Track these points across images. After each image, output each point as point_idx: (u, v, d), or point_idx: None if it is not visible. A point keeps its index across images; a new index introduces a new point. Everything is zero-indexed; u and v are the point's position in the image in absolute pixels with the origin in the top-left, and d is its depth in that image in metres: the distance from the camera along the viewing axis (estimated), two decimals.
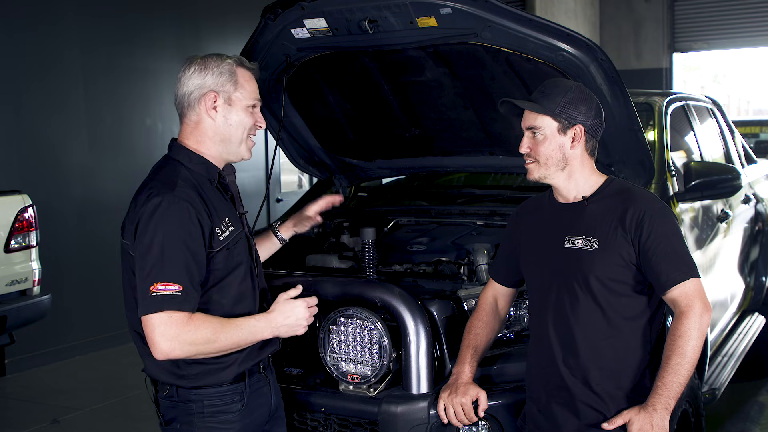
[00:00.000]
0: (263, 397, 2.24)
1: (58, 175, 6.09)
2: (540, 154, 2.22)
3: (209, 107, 2.14)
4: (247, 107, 2.19)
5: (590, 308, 2.18)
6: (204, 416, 2.11)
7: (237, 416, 2.15)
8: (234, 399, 2.14)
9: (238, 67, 2.18)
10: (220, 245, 2.08)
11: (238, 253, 2.15)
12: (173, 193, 2.02)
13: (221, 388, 2.13)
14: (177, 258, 1.98)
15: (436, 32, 2.75)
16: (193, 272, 2.00)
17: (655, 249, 2.12)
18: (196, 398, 2.11)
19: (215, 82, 2.14)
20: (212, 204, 2.10)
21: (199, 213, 2.03)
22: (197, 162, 2.15)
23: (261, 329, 2.11)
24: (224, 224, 2.11)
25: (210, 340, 2.00)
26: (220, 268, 2.09)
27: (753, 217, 4.60)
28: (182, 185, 2.05)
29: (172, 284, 1.96)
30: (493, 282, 2.52)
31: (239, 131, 2.18)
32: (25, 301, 4.76)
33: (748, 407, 4.64)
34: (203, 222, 2.03)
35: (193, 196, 2.05)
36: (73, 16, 6.19)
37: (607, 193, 2.24)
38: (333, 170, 3.72)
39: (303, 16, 2.82)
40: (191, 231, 2.00)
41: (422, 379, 2.49)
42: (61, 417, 4.75)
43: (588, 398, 2.19)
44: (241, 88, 2.17)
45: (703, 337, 2.11)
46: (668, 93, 4.20)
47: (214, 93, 2.14)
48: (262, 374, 2.23)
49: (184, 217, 2.00)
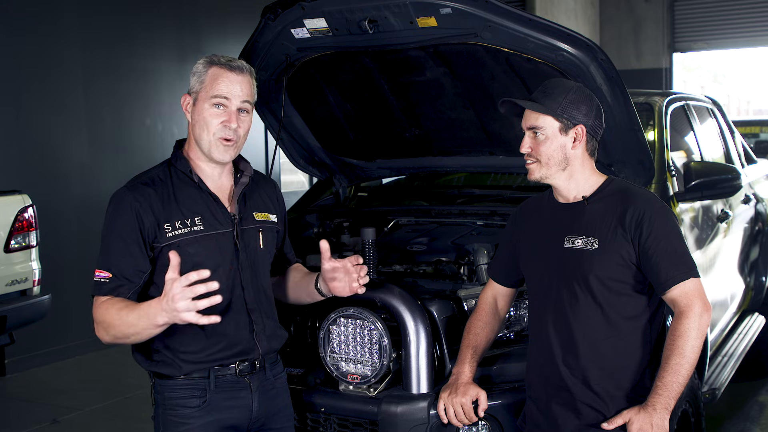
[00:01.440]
0: (238, 401, 2.19)
1: (58, 175, 6.08)
2: (541, 154, 2.21)
3: (185, 108, 2.20)
4: (212, 105, 2.14)
5: (590, 308, 2.18)
6: (165, 408, 2.15)
7: (196, 412, 2.13)
8: (193, 394, 2.14)
9: (211, 66, 2.16)
10: (167, 241, 2.09)
11: (196, 253, 2.10)
12: (126, 188, 2.14)
13: (178, 381, 2.14)
14: (109, 248, 2.10)
15: (436, 32, 2.74)
16: (126, 262, 2.07)
17: (655, 248, 2.12)
18: (160, 389, 2.17)
19: (191, 82, 2.20)
20: (177, 201, 2.13)
21: (141, 206, 2.09)
22: (179, 159, 2.21)
23: (153, 312, 1.96)
24: (182, 222, 2.11)
25: (106, 322, 2.04)
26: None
27: (753, 217, 4.60)
28: (141, 181, 2.14)
29: (102, 271, 2.09)
30: (493, 282, 2.52)
31: (203, 130, 2.16)
32: (25, 301, 4.76)
33: (748, 407, 4.64)
34: (145, 215, 2.09)
35: (145, 190, 2.11)
36: (73, 16, 6.19)
37: (607, 193, 2.24)
38: (333, 170, 3.71)
39: (303, 16, 2.82)
40: (127, 223, 2.09)
41: (422, 379, 2.49)
42: (61, 417, 4.75)
43: (588, 398, 2.19)
44: (207, 86, 2.15)
45: (702, 337, 2.11)
46: (668, 93, 4.20)
47: (187, 94, 2.20)
48: (239, 377, 2.18)
49: (124, 210, 2.10)
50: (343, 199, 3.77)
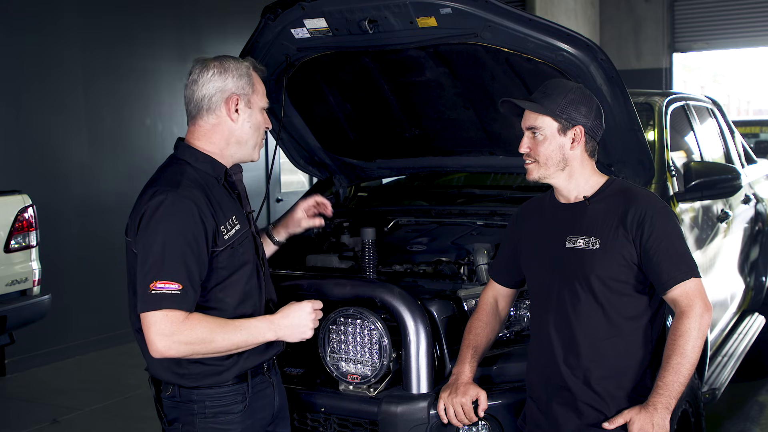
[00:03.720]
0: (266, 399, 2.24)
1: (58, 175, 6.08)
2: (540, 154, 2.22)
3: (231, 110, 2.15)
4: (262, 109, 2.22)
5: (591, 308, 2.18)
6: (206, 417, 2.12)
7: (239, 417, 2.15)
8: (236, 400, 2.15)
9: (253, 70, 2.21)
10: (225, 244, 2.09)
11: (243, 252, 2.15)
12: (177, 191, 2.03)
13: (222, 389, 2.13)
14: (178, 256, 1.98)
15: (436, 32, 2.74)
16: (194, 271, 2.01)
17: (657, 248, 2.12)
18: (197, 398, 2.11)
19: (236, 84, 2.15)
20: (218, 202, 2.11)
21: (202, 211, 2.03)
22: (203, 160, 2.15)
23: (263, 331, 2.10)
24: (230, 223, 2.11)
25: (206, 340, 2.00)
26: (224, 267, 2.09)
27: (753, 217, 4.59)
28: (187, 184, 2.06)
29: (172, 282, 1.97)
30: (494, 282, 2.52)
31: (255, 134, 2.20)
32: (25, 301, 4.75)
33: (748, 407, 4.64)
34: (206, 221, 2.03)
35: (198, 194, 2.05)
36: (73, 16, 6.18)
37: (608, 193, 2.24)
38: (333, 170, 3.71)
39: (303, 16, 2.82)
40: (194, 230, 2.01)
41: (422, 379, 2.49)
42: (61, 417, 4.75)
43: (589, 398, 2.19)
44: (257, 90, 2.20)
45: (703, 337, 2.11)
46: (668, 93, 4.20)
47: (237, 96, 2.15)
48: (265, 376, 2.23)
49: (187, 216, 2.00)
50: (343, 199, 3.77)
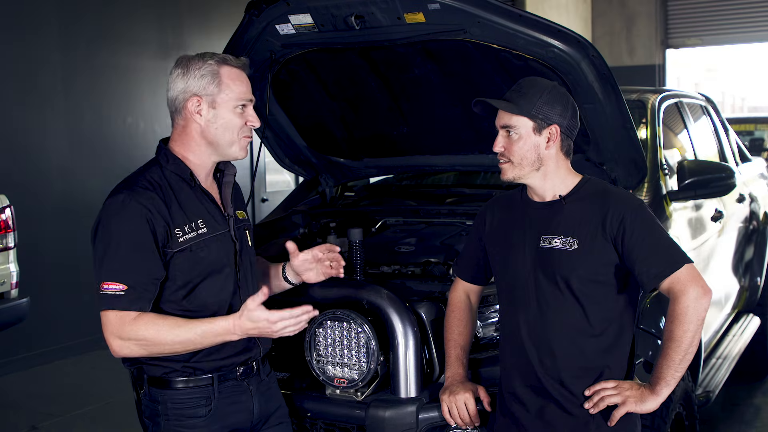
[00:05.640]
0: (240, 405, 2.19)
1: (37, 175, 6.00)
2: (514, 153, 2.20)
3: (193, 112, 2.11)
4: (235, 108, 2.14)
5: (568, 308, 2.16)
6: (168, 419, 2.11)
7: (203, 421, 2.12)
8: (199, 403, 2.12)
9: (223, 66, 2.13)
10: (179, 246, 2.06)
11: (207, 256, 2.11)
12: (128, 192, 2.04)
13: (184, 390, 2.10)
14: (122, 257, 2.00)
15: (424, 28, 2.72)
16: (141, 272, 2.00)
17: (641, 245, 2.11)
18: (161, 399, 2.11)
19: (197, 85, 2.10)
20: (180, 204, 2.09)
21: (150, 212, 2.02)
22: (172, 161, 2.14)
23: (224, 330, 2.03)
24: (191, 226, 2.09)
25: (156, 340, 2.00)
26: (184, 270, 2.07)
27: (747, 217, 4.59)
28: (142, 184, 2.06)
29: (116, 284, 1.99)
30: (461, 280, 2.49)
31: (227, 134, 2.14)
32: (3, 304, 4.69)
33: (743, 410, 4.63)
34: (155, 222, 2.02)
35: (150, 195, 2.04)
36: (53, 13, 6.11)
37: (583, 193, 2.22)
38: (319, 169, 3.70)
39: (288, 11, 2.80)
40: (139, 230, 2.01)
41: (410, 383, 2.47)
42: (40, 423, 4.69)
43: (564, 398, 2.17)
44: (227, 88, 2.12)
45: (699, 321, 2.08)
46: (661, 90, 4.17)
47: (197, 97, 2.11)
48: (239, 381, 2.18)
49: (133, 217, 2.01)
50: (329, 199, 3.75)
